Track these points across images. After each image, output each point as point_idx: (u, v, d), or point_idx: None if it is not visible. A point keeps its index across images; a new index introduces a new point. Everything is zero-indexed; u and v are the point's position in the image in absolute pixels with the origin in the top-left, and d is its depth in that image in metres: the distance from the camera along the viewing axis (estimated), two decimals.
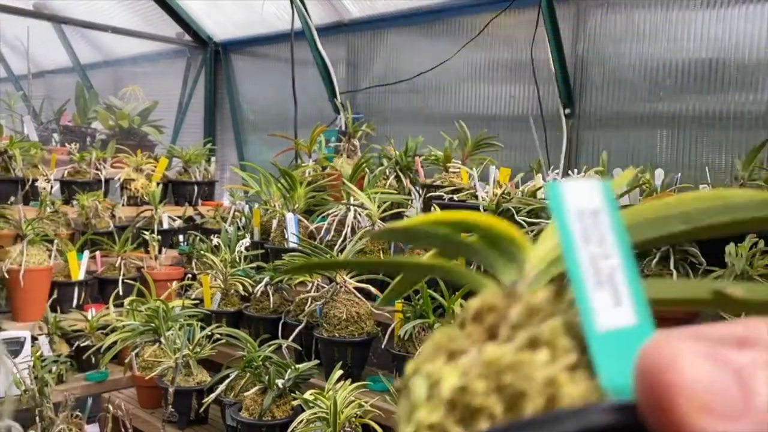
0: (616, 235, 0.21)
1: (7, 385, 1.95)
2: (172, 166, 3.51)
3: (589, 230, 0.21)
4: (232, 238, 2.62)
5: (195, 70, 4.29)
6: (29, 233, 2.49)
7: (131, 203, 3.15)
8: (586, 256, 0.20)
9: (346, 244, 2.08)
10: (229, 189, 3.49)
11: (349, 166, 2.59)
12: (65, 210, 2.93)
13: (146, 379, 2.03)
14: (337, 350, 1.85)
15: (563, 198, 0.21)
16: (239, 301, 2.41)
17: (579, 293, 0.20)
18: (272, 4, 3.57)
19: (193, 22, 4.06)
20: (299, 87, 3.34)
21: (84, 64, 4.62)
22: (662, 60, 2.35)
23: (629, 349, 0.19)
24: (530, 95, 2.71)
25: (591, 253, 0.20)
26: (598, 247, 0.21)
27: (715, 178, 2.04)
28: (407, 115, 3.22)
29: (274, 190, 2.62)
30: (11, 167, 2.82)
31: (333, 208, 2.30)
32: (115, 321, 2.18)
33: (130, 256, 2.85)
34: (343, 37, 3.50)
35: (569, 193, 0.21)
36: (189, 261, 2.96)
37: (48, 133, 3.84)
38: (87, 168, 3.09)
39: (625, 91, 2.44)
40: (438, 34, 3.07)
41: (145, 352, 2.08)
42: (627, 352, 0.19)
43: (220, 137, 4.33)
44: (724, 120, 2.22)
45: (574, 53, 2.59)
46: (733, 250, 1.50)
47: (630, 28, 2.45)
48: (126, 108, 3.82)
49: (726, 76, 2.21)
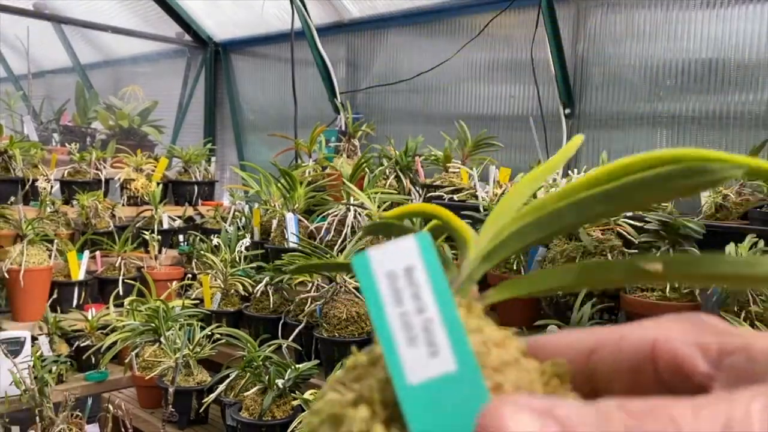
0: (434, 287, 0.22)
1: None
2: (172, 166, 3.51)
3: (401, 290, 0.22)
4: (232, 238, 2.62)
5: (195, 70, 4.29)
6: (29, 233, 2.49)
7: (131, 203, 3.15)
8: (395, 316, 0.21)
9: (346, 244, 2.08)
10: (229, 189, 3.49)
11: (349, 166, 2.59)
12: (65, 210, 2.93)
13: (146, 379, 2.03)
14: (337, 350, 1.85)
15: (370, 265, 0.22)
16: (239, 301, 2.41)
17: (387, 352, 0.21)
18: (272, 4, 3.57)
19: (193, 22, 4.06)
20: (299, 87, 3.34)
21: (84, 64, 4.62)
22: (662, 60, 2.35)
23: (450, 395, 0.20)
24: (530, 95, 2.71)
25: (401, 312, 0.21)
26: (412, 304, 0.21)
27: None
28: (407, 115, 3.22)
29: (274, 190, 2.62)
30: (11, 167, 2.83)
31: (333, 208, 2.30)
32: (115, 321, 2.18)
33: (130, 256, 2.85)
34: (343, 37, 3.50)
35: (376, 258, 0.22)
36: (189, 261, 2.96)
37: (48, 133, 3.84)
38: (87, 168, 3.09)
39: (625, 91, 2.44)
40: (438, 34, 3.07)
41: (145, 352, 2.08)
42: (447, 398, 0.20)
43: (220, 137, 4.33)
44: (724, 120, 2.22)
45: (574, 53, 2.59)
46: (733, 250, 1.50)
47: (630, 28, 2.45)
48: (126, 108, 3.82)
49: (726, 76, 2.21)
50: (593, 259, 1.67)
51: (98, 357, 2.28)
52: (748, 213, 1.78)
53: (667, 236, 1.63)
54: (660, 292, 1.59)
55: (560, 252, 1.75)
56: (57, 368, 2.23)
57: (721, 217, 1.84)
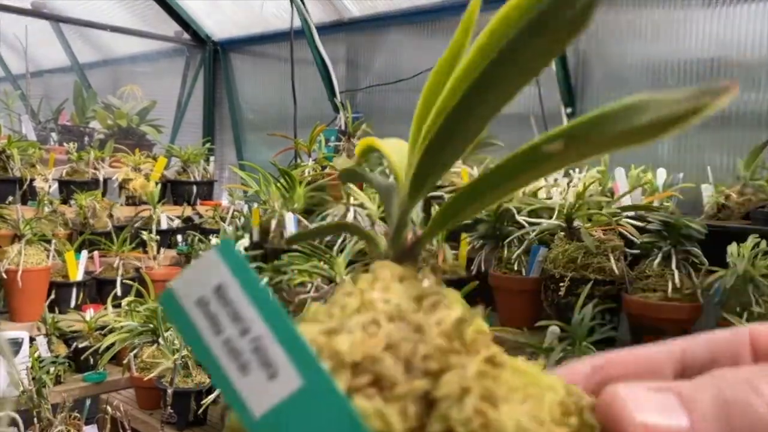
0: (254, 299, 0.19)
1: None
2: (170, 165, 3.49)
3: (216, 316, 0.19)
4: (231, 238, 2.61)
5: (194, 69, 4.28)
6: (27, 233, 2.48)
7: (129, 203, 3.14)
8: (218, 347, 0.19)
9: (345, 244, 2.07)
10: (228, 189, 3.48)
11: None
12: (63, 210, 2.92)
13: (145, 380, 2.01)
14: None
15: (175, 298, 0.19)
16: None
17: (223, 390, 0.19)
18: (272, 3, 3.56)
19: (192, 21, 4.05)
20: (299, 86, 3.33)
21: (82, 64, 4.61)
22: (664, 59, 2.34)
23: (307, 413, 0.18)
24: (531, 94, 2.70)
25: (224, 340, 0.19)
26: (233, 327, 0.19)
27: (717, 177, 2.03)
28: (407, 115, 3.17)
29: (273, 189, 2.60)
30: (9, 167, 2.81)
31: (333, 208, 2.29)
32: (113, 321, 2.17)
33: (128, 256, 2.84)
34: (343, 36, 3.49)
35: (180, 289, 0.19)
36: (188, 261, 2.95)
37: (46, 133, 3.83)
38: (85, 167, 3.08)
39: (627, 90, 2.43)
40: (438, 34, 3.06)
41: (144, 352, 2.07)
42: (305, 418, 0.18)
43: (219, 137, 4.32)
44: (726, 119, 2.21)
45: (576, 52, 2.58)
46: (735, 251, 1.49)
47: (632, 26, 2.44)
48: (124, 107, 3.81)
49: (728, 75, 2.20)
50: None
51: (96, 358, 2.27)
52: (750, 213, 1.77)
53: (669, 236, 1.62)
54: (662, 292, 1.58)
55: (561, 252, 1.74)
56: (55, 369, 2.22)
57: (723, 217, 1.84)
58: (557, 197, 1.99)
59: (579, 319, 1.52)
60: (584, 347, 1.49)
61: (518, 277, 1.85)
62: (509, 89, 0.23)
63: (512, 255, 1.86)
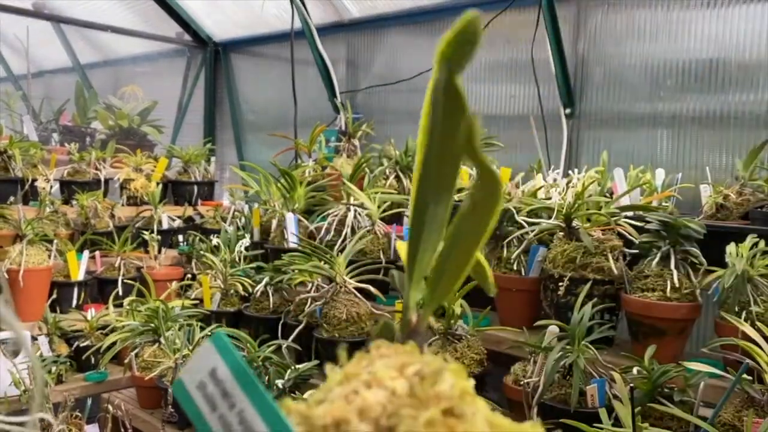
0: (237, 377, 0.22)
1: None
2: (171, 165, 3.50)
3: (212, 396, 0.23)
4: (232, 238, 2.61)
5: (195, 70, 4.28)
6: (29, 233, 2.48)
7: (131, 203, 3.15)
8: (215, 422, 0.22)
9: (346, 244, 2.08)
10: (228, 189, 3.48)
11: (349, 166, 2.59)
12: (65, 210, 2.92)
13: (146, 380, 2.02)
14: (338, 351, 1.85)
15: (184, 387, 0.23)
16: (239, 301, 2.40)
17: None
18: (272, 3, 3.57)
19: (193, 22, 4.06)
20: (299, 87, 3.34)
21: (83, 64, 4.62)
22: (663, 60, 2.35)
23: None
24: (530, 95, 2.70)
25: (219, 415, 0.22)
26: (224, 403, 0.22)
27: (715, 177, 2.04)
28: (407, 115, 3.21)
29: (273, 190, 2.61)
30: (11, 167, 2.82)
31: (333, 208, 2.29)
32: (114, 321, 2.18)
33: (129, 256, 2.85)
34: (343, 36, 3.50)
35: (187, 378, 0.23)
36: (189, 261, 2.96)
37: (47, 133, 3.84)
38: (86, 168, 3.09)
39: (626, 90, 2.44)
40: (438, 34, 3.07)
41: (145, 352, 2.07)
42: None
43: (220, 137, 4.32)
44: (725, 120, 2.22)
45: (575, 53, 2.59)
46: (734, 250, 1.49)
47: (630, 27, 2.44)
48: (125, 108, 3.81)
49: (727, 76, 2.21)
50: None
51: (98, 357, 2.28)
52: (748, 213, 1.78)
53: (668, 236, 1.63)
54: (661, 292, 1.59)
55: (561, 251, 1.75)
56: (56, 368, 2.23)
57: (721, 217, 1.84)
58: (556, 197, 1.99)
59: (578, 318, 1.53)
60: (583, 346, 1.50)
61: (517, 277, 1.86)
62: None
63: (512, 255, 1.86)
